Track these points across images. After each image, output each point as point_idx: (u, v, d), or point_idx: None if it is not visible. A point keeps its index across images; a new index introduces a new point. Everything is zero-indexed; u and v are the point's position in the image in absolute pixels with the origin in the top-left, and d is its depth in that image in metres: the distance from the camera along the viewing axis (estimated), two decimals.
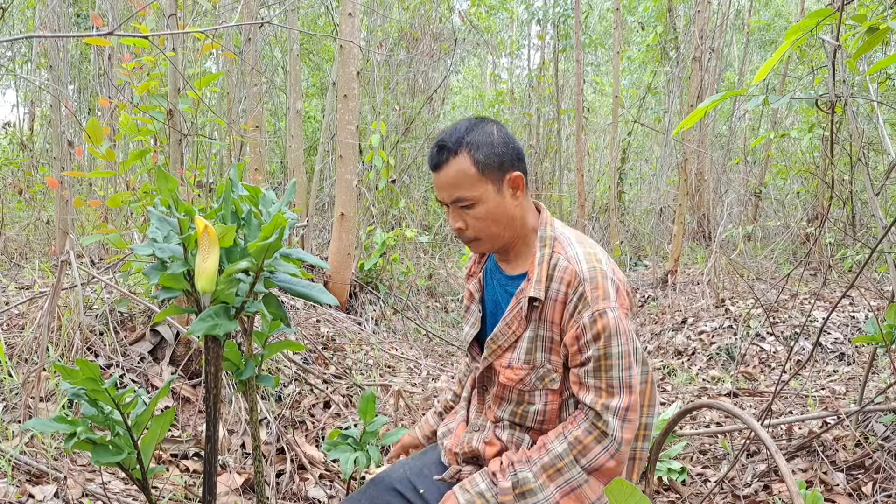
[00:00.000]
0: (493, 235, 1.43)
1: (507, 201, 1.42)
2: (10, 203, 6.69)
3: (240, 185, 1.40)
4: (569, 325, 1.37)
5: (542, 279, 1.39)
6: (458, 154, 1.39)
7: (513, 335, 1.44)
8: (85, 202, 3.10)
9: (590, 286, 1.34)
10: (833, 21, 1.60)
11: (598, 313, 1.32)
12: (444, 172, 1.40)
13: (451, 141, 1.39)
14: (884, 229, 2.21)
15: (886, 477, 2.32)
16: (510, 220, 1.43)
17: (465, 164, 1.38)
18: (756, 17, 10.45)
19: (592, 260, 1.38)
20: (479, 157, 1.38)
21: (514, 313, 1.44)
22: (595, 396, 1.35)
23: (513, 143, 1.43)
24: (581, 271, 1.36)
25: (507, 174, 1.41)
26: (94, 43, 4.34)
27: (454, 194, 1.40)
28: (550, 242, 1.43)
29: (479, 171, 1.38)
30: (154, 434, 1.38)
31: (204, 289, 1.24)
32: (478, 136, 1.40)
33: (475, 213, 1.41)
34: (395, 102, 7.83)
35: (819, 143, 6.60)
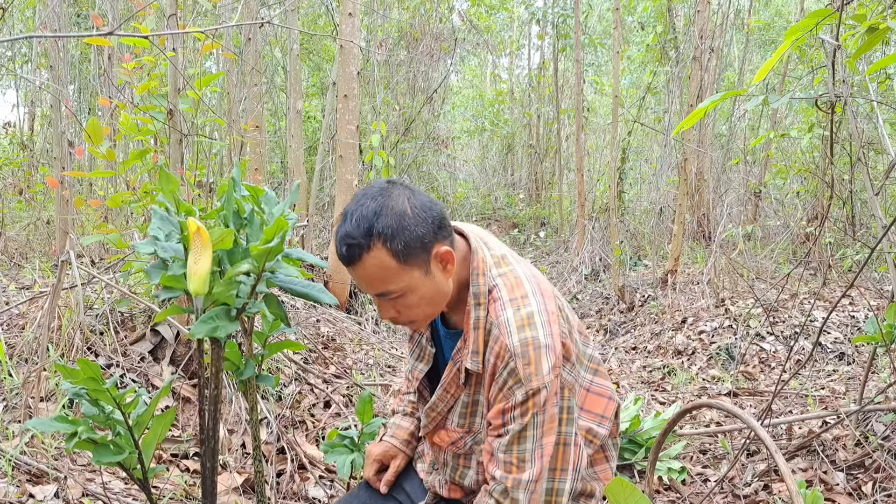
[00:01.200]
0: (428, 315, 1.30)
1: (438, 279, 1.26)
2: (10, 203, 6.69)
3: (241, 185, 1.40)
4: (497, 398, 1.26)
5: (478, 349, 1.27)
6: (371, 248, 1.19)
7: (451, 399, 1.36)
8: (85, 202, 3.10)
9: (521, 362, 1.21)
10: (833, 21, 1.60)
11: (531, 392, 1.22)
12: (360, 269, 1.21)
13: (359, 234, 1.18)
14: (883, 229, 2.22)
15: (886, 476, 2.32)
16: (444, 296, 1.29)
17: (383, 257, 1.19)
18: (756, 16, 10.45)
19: (524, 328, 1.23)
20: (396, 246, 1.19)
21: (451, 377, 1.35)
22: (504, 472, 1.27)
23: (430, 212, 1.23)
24: (512, 344, 1.22)
25: (432, 252, 1.23)
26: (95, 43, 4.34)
27: (379, 289, 1.24)
28: (484, 300, 1.28)
29: (401, 262, 1.20)
30: (155, 434, 1.38)
31: (196, 291, 1.24)
32: (390, 221, 1.18)
33: (406, 303, 1.26)
34: (395, 102, 7.83)
35: (819, 142, 6.59)
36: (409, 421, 1.60)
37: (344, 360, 3.78)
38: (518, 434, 1.25)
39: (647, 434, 2.71)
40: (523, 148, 12.40)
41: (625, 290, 6.61)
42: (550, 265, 8.80)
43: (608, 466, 1.50)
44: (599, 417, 1.43)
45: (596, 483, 1.47)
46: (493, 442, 1.29)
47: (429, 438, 1.46)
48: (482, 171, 13.20)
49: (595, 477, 1.48)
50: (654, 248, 7.72)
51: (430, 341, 1.44)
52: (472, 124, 12.16)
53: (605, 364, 5.00)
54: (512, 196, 12.34)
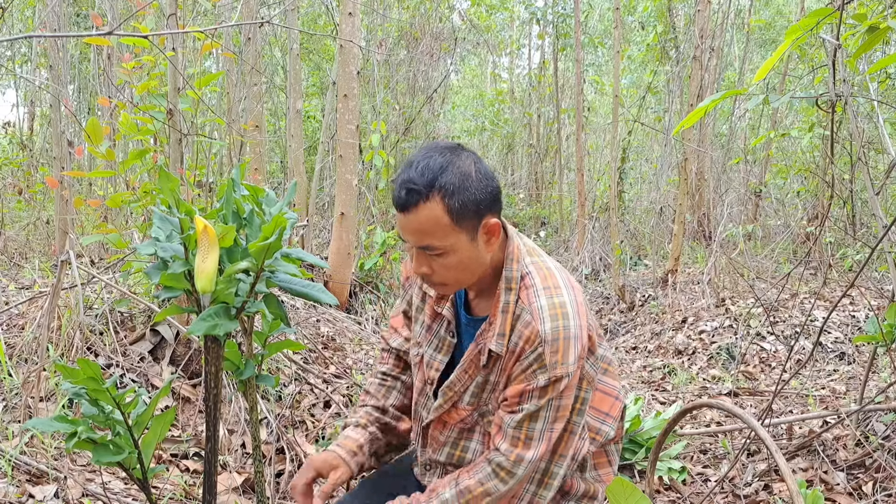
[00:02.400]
0: (460, 281, 1.31)
1: (481, 249, 1.28)
2: (10, 203, 6.69)
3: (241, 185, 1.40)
4: (518, 378, 1.28)
5: (505, 332, 1.28)
6: (429, 199, 1.20)
7: (469, 380, 1.37)
8: (85, 202, 3.10)
9: (550, 349, 1.24)
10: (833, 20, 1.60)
11: (553, 378, 1.25)
12: (412, 216, 1.22)
13: (422, 183, 1.20)
14: (884, 228, 2.21)
15: (887, 476, 2.32)
16: (480, 266, 1.30)
17: (438, 211, 1.21)
18: (756, 16, 10.45)
19: (557, 317, 1.26)
20: (454, 204, 1.21)
21: (471, 359, 1.35)
22: (510, 446, 1.29)
23: (491, 183, 1.27)
24: (543, 331, 1.24)
25: (482, 221, 1.26)
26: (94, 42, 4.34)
27: (423, 241, 1.25)
28: (516, 285, 1.30)
29: (453, 220, 1.22)
30: (155, 434, 1.38)
31: (203, 289, 1.24)
32: (454, 178, 1.21)
33: (444, 262, 1.26)
34: (395, 102, 7.82)
35: (819, 142, 6.59)
36: (359, 433, 1.53)
37: (344, 360, 3.78)
38: (532, 414, 1.28)
39: (648, 434, 2.70)
40: (523, 148, 12.40)
41: (625, 290, 6.61)
42: None
43: (611, 470, 1.50)
44: (604, 415, 1.45)
45: (599, 485, 1.47)
46: (504, 416, 1.31)
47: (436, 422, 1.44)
48: None
49: (598, 479, 1.48)
50: (655, 248, 7.72)
51: (451, 332, 1.43)
52: (472, 124, 12.16)
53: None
54: (512, 196, 12.34)
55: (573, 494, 1.45)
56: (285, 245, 1.35)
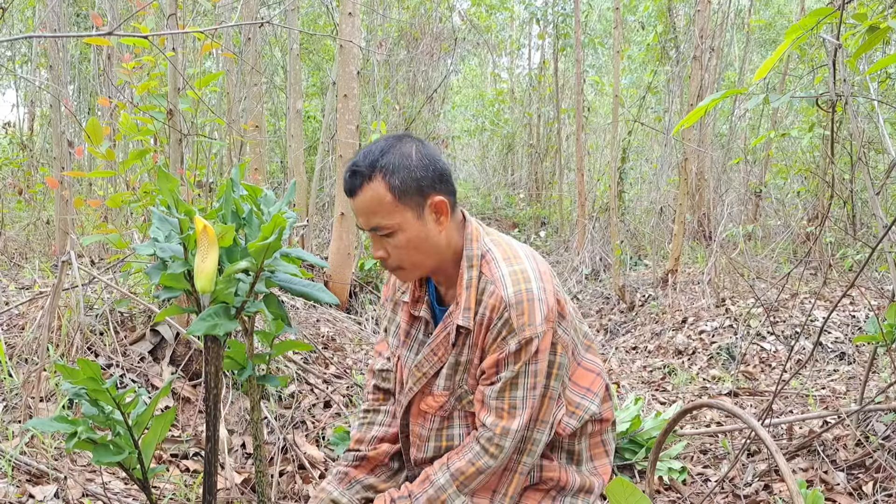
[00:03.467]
0: (415, 264, 1.35)
1: (430, 228, 1.32)
2: (10, 203, 6.69)
3: (240, 185, 1.40)
4: (491, 348, 1.32)
5: (470, 305, 1.32)
6: (371, 179, 1.28)
7: (438, 362, 1.39)
8: (85, 202, 3.10)
9: (515, 312, 1.28)
10: (833, 20, 1.60)
11: (524, 341, 1.28)
12: (358, 198, 1.30)
13: (364, 164, 1.29)
14: (884, 228, 2.21)
15: (887, 476, 2.32)
16: (433, 247, 1.34)
17: (380, 190, 1.28)
18: (757, 16, 10.45)
19: (519, 281, 1.31)
20: (394, 182, 1.28)
21: (440, 339, 1.38)
22: (496, 418, 1.32)
23: (434, 163, 1.32)
24: (507, 296, 1.29)
25: (427, 199, 1.31)
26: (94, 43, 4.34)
27: (371, 222, 1.31)
28: (477, 262, 1.35)
29: (396, 198, 1.28)
30: (155, 434, 1.38)
31: (203, 289, 1.24)
32: (393, 159, 1.29)
33: (395, 242, 1.31)
34: (395, 102, 7.83)
35: (819, 142, 6.59)
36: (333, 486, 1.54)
37: (344, 360, 3.78)
38: (510, 381, 1.31)
39: (648, 434, 2.70)
40: (523, 148, 12.39)
41: (625, 290, 6.60)
42: (551, 265, 8.78)
43: (607, 461, 1.50)
44: (584, 390, 1.46)
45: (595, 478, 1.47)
46: (485, 390, 1.34)
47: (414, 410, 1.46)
48: (482, 170, 13.20)
49: (594, 472, 1.48)
50: (655, 248, 7.71)
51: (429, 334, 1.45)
52: (472, 124, 12.16)
53: (606, 364, 5.00)
54: (512, 196, 12.34)
55: (569, 489, 1.44)
56: (285, 245, 1.35)
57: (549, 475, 1.42)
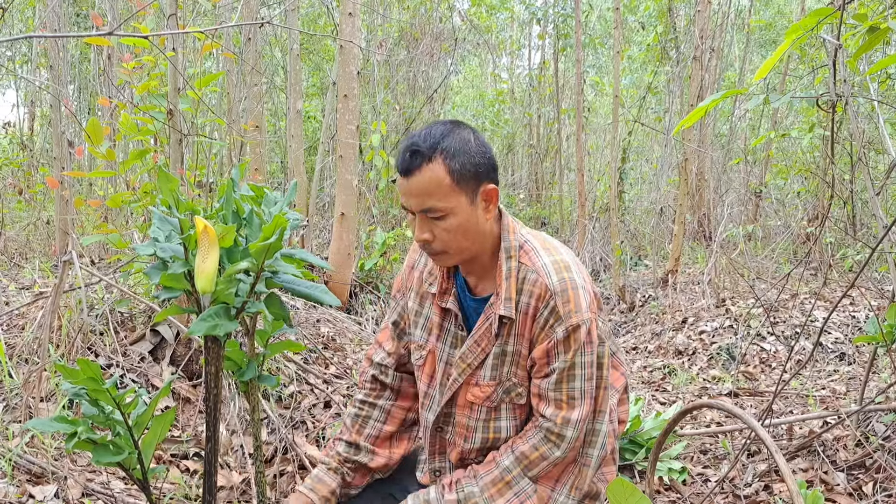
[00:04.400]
0: (460, 249, 1.35)
1: (479, 215, 1.33)
2: (10, 203, 6.70)
3: (246, 185, 1.40)
4: (539, 338, 1.32)
5: (511, 296, 1.33)
6: (432, 160, 1.28)
7: (482, 353, 1.39)
8: (85, 202, 3.10)
9: (561, 300, 1.29)
10: (834, 20, 1.60)
11: (571, 328, 1.29)
12: (415, 179, 1.29)
13: (425, 146, 1.28)
14: (884, 229, 2.21)
15: (887, 477, 2.32)
16: (480, 234, 1.35)
17: (440, 172, 1.28)
18: (757, 16, 10.45)
19: (562, 270, 1.32)
20: (454, 165, 1.28)
21: (482, 331, 1.38)
22: (555, 409, 1.33)
23: (489, 152, 1.35)
24: (551, 284, 1.30)
25: (481, 186, 1.32)
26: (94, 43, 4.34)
27: (425, 203, 1.30)
28: (516, 253, 1.36)
29: (454, 181, 1.29)
30: (155, 434, 1.37)
31: (203, 289, 1.24)
32: (454, 143, 1.29)
33: (445, 226, 1.31)
34: (395, 102, 7.83)
35: (819, 142, 6.59)
36: (332, 477, 1.54)
37: (344, 360, 3.78)
38: (565, 371, 1.32)
39: (648, 434, 2.70)
40: (523, 148, 12.39)
41: (625, 290, 6.60)
42: None
43: (613, 468, 1.51)
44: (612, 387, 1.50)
45: (602, 485, 1.48)
46: (540, 383, 1.35)
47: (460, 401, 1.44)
48: None
49: (602, 478, 1.48)
50: (655, 248, 7.71)
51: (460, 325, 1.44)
52: (472, 124, 12.15)
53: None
54: (512, 196, 12.33)
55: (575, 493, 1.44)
56: (285, 245, 1.35)
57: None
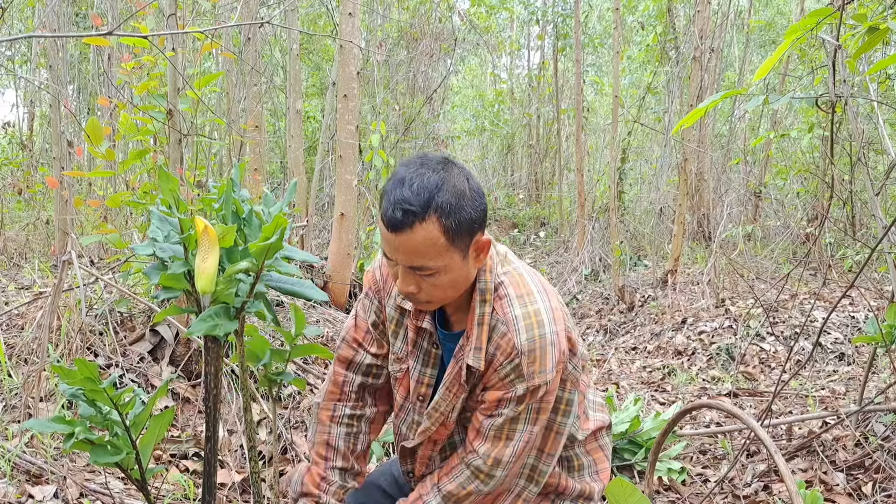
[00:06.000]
0: (446, 299, 1.28)
1: (470, 266, 1.25)
2: (9, 203, 6.69)
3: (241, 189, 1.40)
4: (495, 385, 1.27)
5: (481, 345, 1.26)
6: (426, 220, 1.14)
7: (454, 399, 1.34)
8: (84, 202, 3.10)
9: (527, 360, 1.23)
10: (833, 20, 1.60)
11: (532, 388, 1.24)
12: (406, 237, 1.16)
13: (418, 203, 1.14)
14: (884, 229, 2.21)
15: (886, 477, 2.32)
16: (467, 283, 1.27)
17: (434, 232, 1.15)
18: (756, 16, 10.45)
19: (533, 326, 1.24)
20: (450, 224, 1.16)
21: (453, 376, 1.33)
22: (490, 446, 1.29)
23: (483, 200, 1.23)
24: (519, 343, 1.23)
25: (474, 238, 1.22)
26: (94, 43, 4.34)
27: (416, 262, 1.19)
28: (490, 297, 1.28)
29: (449, 241, 1.17)
30: (153, 434, 1.37)
31: (204, 289, 1.24)
32: (450, 198, 1.16)
33: (434, 281, 1.22)
34: (394, 102, 7.83)
35: (819, 142, 6.59)
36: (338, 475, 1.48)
37: None
38: (511, 418, 1.28)
39: (647, 434, 2.70)
40: (523, 148, 12.40)
41: (625, 291, 6.60)
42: (550, 265, 8.80)
43: (606, 465, 1.50)
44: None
45: (595, 484, 1.47)
46: (483, 420, 1.31)
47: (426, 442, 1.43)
48: (482, 171, 13.19)
49: (595, 478, 1.47)
50: (654, 248, 7.71)
51: (435, 343, 1.39)
52: (472, 124, 12.16)
53: (606, 364, 5.01)
54: (512, 196, 12.34)
55: (568, 494, 1.44)
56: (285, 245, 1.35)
57: (549, 481, 1.43)
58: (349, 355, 1.52)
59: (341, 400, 1.51)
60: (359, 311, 1.52)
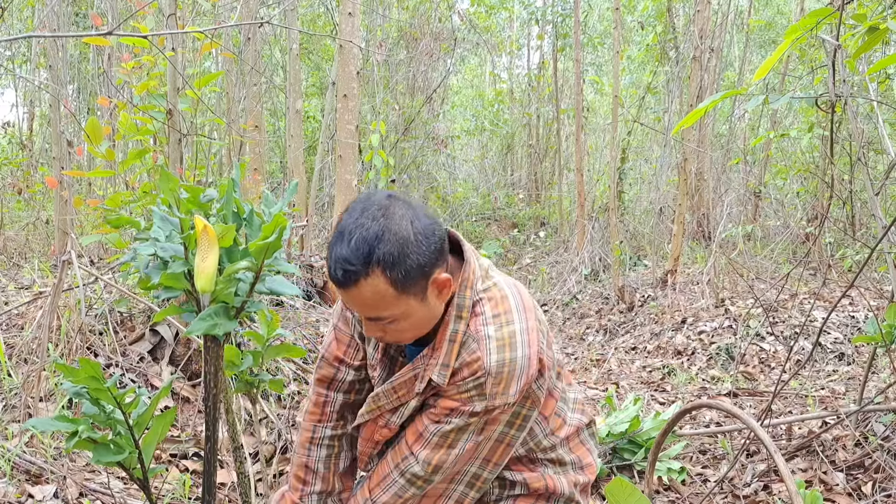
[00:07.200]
0: (416, 335, 1.26)
1: (432, 304, 1.20)
2: (9, 203, 6.69)
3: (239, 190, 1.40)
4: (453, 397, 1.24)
5: (449, 362, 1.22)
6: (369, 276, 1.12)
7: (397, 400, 1.31)
8: (84, 202, 3.10)
9: (493, 380, 1.20)
10: (833, 20, 1.60)
11: (490, 407, 1.22)
12: (353, 293, 1.14)
13: (358, 262, 1.10)
14: (883, 229, 2.22)
15: (886, 477, 2.32)
16: (434, 319, 1.24)
17: (381, 286, 1.13)
18: (756, 16, 10.45)
19: (505, 348, 1.21)
20: (396, 276, 1.12)
21: (404, 380, 1.29)
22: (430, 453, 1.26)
23: (432, 237, 1.16)
24: (488, 363, 1.20)
25: (430, 279, 1.17)
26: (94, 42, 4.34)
27: (371, 314, 1.18)
28: (467, 315, 1.24)
29: (399, 290, 1.14)
30: (155, 433, 1.38)
31: (203, 288, 1.24)
32: (391, 248, 1.11)
33: (397, 327, 1.20)
34: (394, 102, 7.83)
35: (819, 142, 6.59)
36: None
37: None
38: (458, 428, 1.25)
39: (647, 434, 2.71)
40: (523, 148, 12.40)
41: (625, 290, 6.61)
42: (550, 265, 8.80)
43: (591, 458, 1.48)
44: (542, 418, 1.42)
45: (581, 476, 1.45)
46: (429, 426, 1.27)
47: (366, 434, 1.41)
48: (482, 170, 13.20)
49: (581, 472, 1.46)
50: (654, 248, 7.72)
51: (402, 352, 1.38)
52: (471, 124, 12.16)
53: (605, 364, 5.01)
54: (512, 196, 12.34)
55: (559, 494, 1.43)
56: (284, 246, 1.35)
57: (536, 486, 1.41)
58: (330, 374, 1.47)
59: (321, 421, 1.47)
60: (339, 325, 1.46)
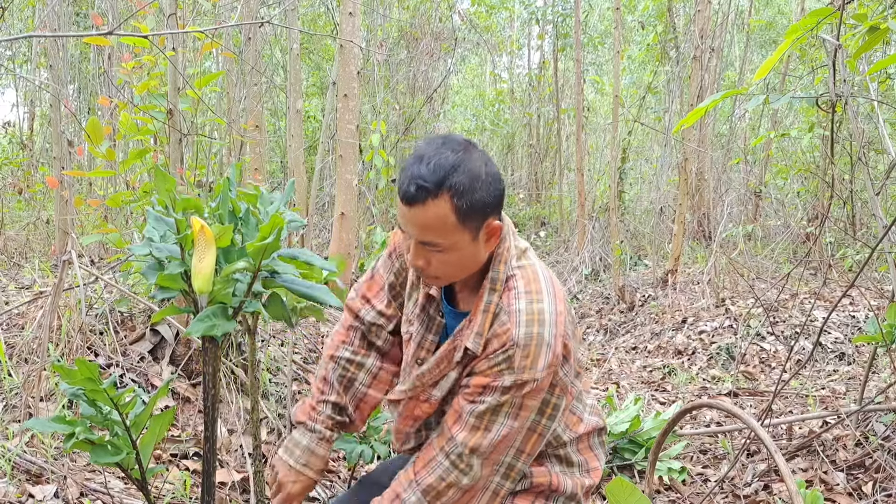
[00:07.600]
0: (453, 277, 1.31)
1: (480, 248, 1.28)
2: (9, 203, 6.70)
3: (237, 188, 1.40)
4: (483, 371, 1.29)
5: (483, 331, 1.29)
6: (438, 197, 1.18)
7: (440, 374, 1.37)
8: (85, 202, 3.10)
9: (521, 353, 1.25)
10: (833, 20, 1.60)
11: (519, 381, 1.25)
12: (417, 211, 1.20)
13: (432, 181, 1.18)
14: (884, 229, 2.21)
15: (886, 476, 2.32)
16: (476, 265, 1.30)
17: (445, 210, 1.19)
18: (757, 16, 10.44)
19: (534, 322, 1.26)
20: (461, 205, 1.19)
21: (445, 353, 1.35)
22: (468, 434, 1.29)
23: (499, 185, 1.26)
24: (516, 335, 1.25)
25: (485, 222, 1.25)
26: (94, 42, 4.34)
27: (426, 237, 1.23)
28: (500, 287, 1.30)
29: (459, 220, 1.20)
30: (153, 434, 1.37)
31: (201, 289, 1.24)
32: (464, 179, 1.19)
33: (442, 258, 1.26)
34: (395, 102, 7.83)
35: (819, 142, 6.59)
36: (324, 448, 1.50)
37: None
38: (493, 407, 1.28)
39: (648, 434, 2.70)
40: (523, 148, 12.40)
41: (625, 290, 6.60)
42: (551, 265, 8.80)
43: (598, 463, 1.49)
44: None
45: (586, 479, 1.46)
46: (465, 405, 1.31)
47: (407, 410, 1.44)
48: None
49: (587, 475, 1.47)
50: (655, 248, 7.72)
51: (440, 312, 1.42)
52: (472, 124, 12.16)
53: (606, 364, 5.01)
54: (512, 196, 12.33)
55: (561, 492, 1.44)
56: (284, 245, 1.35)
57: (540, 481, 1.42)
58: (357, 306, 1.56)
59: (345, 342, 1.55)
60: (378, 267, 1.55)
